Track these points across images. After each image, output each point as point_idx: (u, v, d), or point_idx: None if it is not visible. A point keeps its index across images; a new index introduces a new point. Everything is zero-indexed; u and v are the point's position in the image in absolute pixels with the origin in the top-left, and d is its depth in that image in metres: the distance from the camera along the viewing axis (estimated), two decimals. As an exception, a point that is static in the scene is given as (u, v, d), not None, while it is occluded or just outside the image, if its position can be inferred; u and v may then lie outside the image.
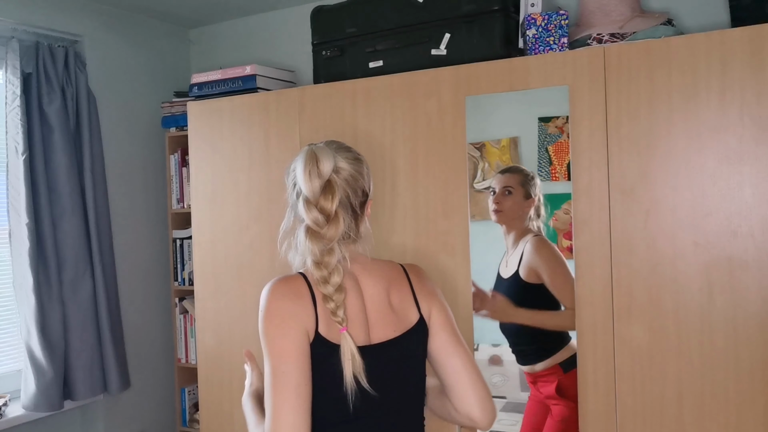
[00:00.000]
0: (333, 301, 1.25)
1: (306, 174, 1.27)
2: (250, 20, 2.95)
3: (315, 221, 1.27)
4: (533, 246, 1.88)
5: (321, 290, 1.26)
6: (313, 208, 1.27)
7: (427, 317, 1.38)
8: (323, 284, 1.26)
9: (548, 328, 1.88)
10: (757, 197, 1.59)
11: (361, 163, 1.35)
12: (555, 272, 1.85)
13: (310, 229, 1.27)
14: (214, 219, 2.40)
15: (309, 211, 1.27)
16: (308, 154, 1.30)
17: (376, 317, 1.32)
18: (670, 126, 1.68)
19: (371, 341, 1.29)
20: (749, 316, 1.60)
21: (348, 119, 2.13)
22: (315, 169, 1.28)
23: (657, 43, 1.70)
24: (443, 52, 2.05)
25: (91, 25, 2.63)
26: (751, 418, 1.61)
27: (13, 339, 2.50)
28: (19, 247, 2.34)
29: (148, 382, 2.84)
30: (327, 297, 1.26)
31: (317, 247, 1.26)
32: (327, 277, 1.26)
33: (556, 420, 1.86)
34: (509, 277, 1.91)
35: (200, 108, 2.45)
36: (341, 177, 1.30)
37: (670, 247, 1.68)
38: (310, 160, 1.28)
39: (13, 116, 2.34)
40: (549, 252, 1.86)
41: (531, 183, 1.89)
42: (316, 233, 1.27)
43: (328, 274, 1.26)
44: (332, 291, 1.25)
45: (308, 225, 1.28)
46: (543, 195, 1.86)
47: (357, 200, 1.33)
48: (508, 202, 1.91)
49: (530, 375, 1.90)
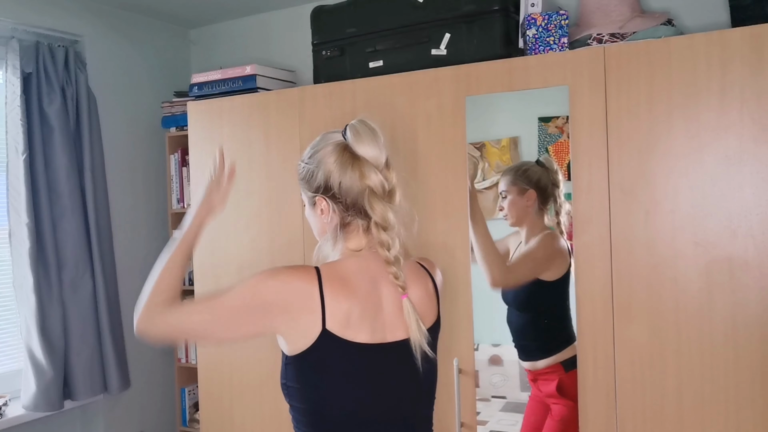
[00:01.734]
0: (394, 266, 1.21)
1: (370, 141, 1.24)
2: (250, 20, 2.95)
3: (381, 184, 1.23)
4: (539, 240, 1.88)
5: (382, 254, 1.22)
6: (378, 172, 1.23)
7: (442, 315, 1.36)
8: (388, 248, 1.21)
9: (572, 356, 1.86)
10: (757, 197, 1.59)
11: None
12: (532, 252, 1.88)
13: (374, 192, 1.22)
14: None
15: (375, 174, 1.22)
16: (363, 126, 1.26)
17: (393, 316, 1.25)
18: (670, 126, 1.68)
19: (386, 339, 1.23)
20: (749, 315, 1.60)
21: (348, 119, 2.10)
22: (379, 139, 1.25)
23: (657, 43, 1.70)
24: (443, 52, 2.05)
25: (91, 25, 2.63)
26: (751, 417, 1.61)
27: (13, 339, 2.50)
28: (19, 247, 2.34)
29: (148, 382, 2.84)
30: (388, 262, 1.21)
31: (381, 207, 1.21)
32: (389, 243, 1.21)
33: (555, 419, 1.86)
34: None
35: (200, 108, 2.45)
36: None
37: (670, 247, 1.68)
38: (371, 131, 1.25)
39: (13, 116, 2.34)
40: (542, 242, 1.87)
41: (522, 176, 1.89)
42: (380, 196, 1.22)
43: (394, 234, 1.22)
44: (396, 253, 1.21)
45: (372, 187, 1.22)
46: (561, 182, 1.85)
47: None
48: (507, 205, 1.93)
49: (531, 372, 1.90)
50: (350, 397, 1.21)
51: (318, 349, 1.17)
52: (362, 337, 1.20)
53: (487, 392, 1.93)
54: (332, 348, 1.17)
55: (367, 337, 1.20)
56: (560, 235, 1.86)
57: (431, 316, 1.32)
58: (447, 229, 1.96)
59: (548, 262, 1.88)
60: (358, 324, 1.19)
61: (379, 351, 1.22)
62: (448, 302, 1.97)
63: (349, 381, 1.20)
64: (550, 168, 1.85)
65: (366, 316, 1.21)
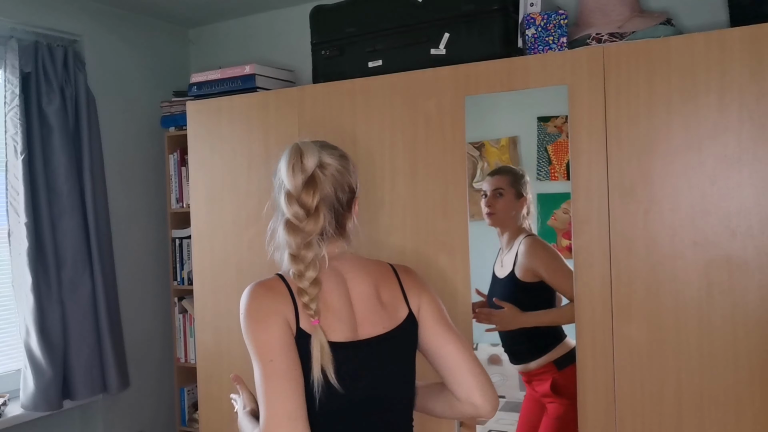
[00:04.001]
0: (307, 294, 1.25)
1: (290, 168, 1.29)
2: (250, 20, 2.94)
3: (295, 215, 1.27)
4: (527, 246, 1.89)
5: (297, 284, 1.27)
6: (294, 202, 1.28)
7: (417, 311, 1.38)
8: (298, 278, 1.26)
9: (555, 324, 1.88)
10: (757, 197, 1.59)
11: (347, 160, 1.36)
12: (554, 269, 1.86)
13: (290, 222, 1.28)
14: (213, 219, 2.40)
15: (290, 205, 1.28)
16: (293, 149, 1.31)
17: (364, 314, 1.32)
18: (669, 125, 1.68)
19: (358, 337, 1.29)
20: (748, 315, 1.61)
21: (347, 119, 2.13)
22: (299, 163, 1.29)
23: (656, 43, 1.70)
24: (442, 51, 2.05)
25: (90, 24, 2.63)
26: (750, 416, 1.61)
27: (13, 339, 2.50)
28: (18, 247, 2.34)
29: (147, 382, 2.84)
30: (302, 290, 1.26)
31: (295, 240, 1.27)
32: (303, 271, 1.26)
33: (551, 418, 1.86)
34: (505, 276, 1.92)
35: (199, 108, 2.45)
36: (327, 173, 1.31)
37: (670, 247, 1.68)
38: (295, 155, 1.30)
39: (12, 116, 2.34)
40: (544, 250, 1.87)
41: (522, 182, 1.90)
42: (295, 227, 1.27)
43: (304, 267, 1.26)
44: (307, 285, 1.26)
45: (288, 219, 1.28)
46: (534, 193, 1.87)
47: (344, 197, 1.34)
48: (500, 203, 1.92)
49: (525, 374, 1.90)
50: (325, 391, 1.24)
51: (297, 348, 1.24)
52: (335, 336, 1.26)
53: (486, 392, 1.93)
54: (306, 345, 1.23)
55: (340, 336, 1.27)
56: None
57: (401, 312, 1.36)
58: (447, 229, 1.96)
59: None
60: (329, 323, 1.26)
61: (351, 348, 1.27)
62: (448, 302, 1.97)
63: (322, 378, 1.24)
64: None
65: (336, 315, 1.28)
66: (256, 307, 1.26)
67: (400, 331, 1.34)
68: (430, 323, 1.37)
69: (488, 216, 1.92)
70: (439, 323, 1.38)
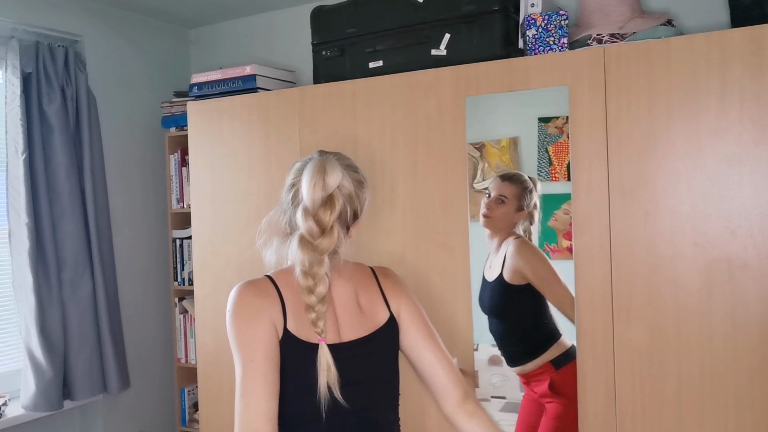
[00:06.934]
0: (315, 312, 1.27)
1: (312, 184, 1.29)
2: (250, 20, 2.95)
3: (310, 231, 1.28)
4: (515, 248, 1.88)
5: (304, 299, 1.28)
6: (311, 218, 1.29)
7: (397, 315, 1.40)
8: (307, 294, 1.28)
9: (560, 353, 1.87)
10: (757, 197, 1.59)
11: (363, 187, 1.38)
12: (538, 270, 1.86)
13: (304, 238, 1.29)
14: (213, 219, 2.40)
15: (306, 221, 1.28)
16: (318, 165, 1.31)
17: (344, 317, 1.34)
18: (670, 126, 1.68)
19: (341, 339, 1.32)
20: (748, 315, 1.61)
21: (348, 119, 2.13)
22: (321, 181, 1.29)
23: (657, 44, 1.70)
24: (443, 52, 2.05)
25: (90, 24, 2.63)
26: (750, 417, 1.61)
27: (13, 339, 2.50)
28: (19, 247, 2.34)
29: (147, 382, 2.84)
30: (309, 307, 1.27)
31: (308, 257, 1.28)
32: (312, 287, 1.28)
33: (550, 417, 1.86)
34: (494, 279, 1.92)
35: (200, 108, 2.45)
36: (343, 193, 1.32)
37: (670, 248, 1.68)
38: (319, 172, 1.30)
39: (13, 116, 2.34)
40: (530, 252, 1.87)
41: (527, 196, 1.88)
42: (309, 243, 1.28)
43: (314, 284, 1.28)
44: (315, 301, 1.27)
45: (302, 234, 1.29)
46: (540, 200, 1.86)
47: (349, 219, 1.36)
48: (499, 211, 1.91)
49: (523, 376, 1.90)
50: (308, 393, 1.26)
51: (282, 347, 1.27)
52: (317, 338, 1.28)
53: (486, 392, 1.93)
54: (293, 348, 1.27)
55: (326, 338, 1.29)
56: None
57: (380, 316, 1.38)
58: (447, 229, 1.96)
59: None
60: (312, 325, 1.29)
61: (335, 351, 1.28)
62: (448, 302, 1.97)
63: (307, 379, 1.27)
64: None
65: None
66: (243, 307, 1.28)
67: (382, 334, 1.37)
68: (409, 328, 1.41)
69: (484, 217, 1.92)
70: (418, 328, 1.41)
